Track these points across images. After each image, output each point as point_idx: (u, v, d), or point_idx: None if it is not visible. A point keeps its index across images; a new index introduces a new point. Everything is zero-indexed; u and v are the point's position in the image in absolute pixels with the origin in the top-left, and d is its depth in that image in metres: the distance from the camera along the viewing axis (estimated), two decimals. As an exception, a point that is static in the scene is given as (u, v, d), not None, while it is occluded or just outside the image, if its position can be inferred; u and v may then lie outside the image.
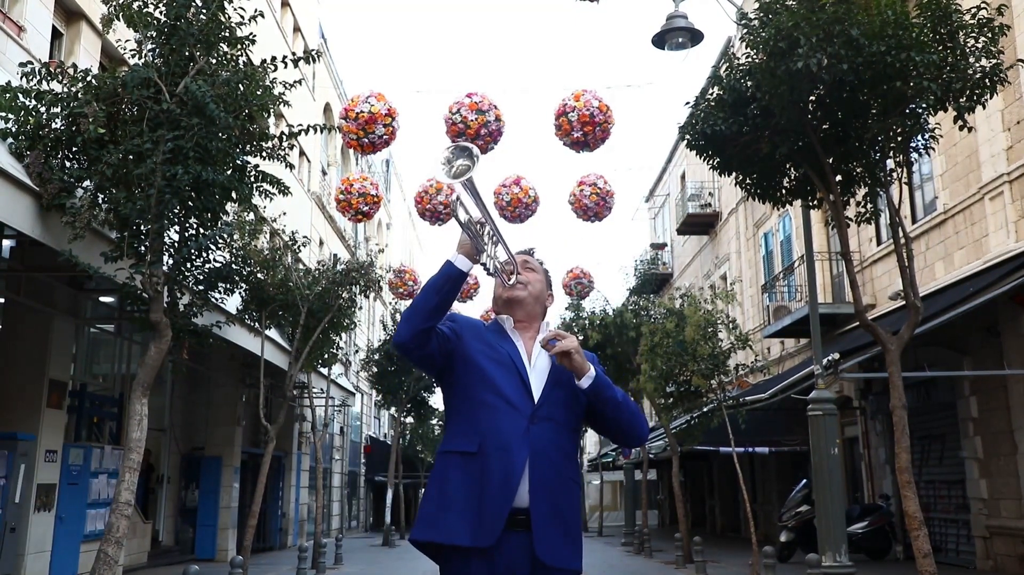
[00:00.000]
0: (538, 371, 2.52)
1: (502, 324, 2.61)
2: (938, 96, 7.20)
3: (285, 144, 8.67)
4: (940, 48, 7.14)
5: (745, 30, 7.59)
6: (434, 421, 29.02)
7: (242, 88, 8.05)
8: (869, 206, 8.40)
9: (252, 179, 8.48)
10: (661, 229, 30.45)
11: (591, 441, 45.63)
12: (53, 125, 7.70)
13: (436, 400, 25.49)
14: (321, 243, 23.87)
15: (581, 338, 17.81)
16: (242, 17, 8.28)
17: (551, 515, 2.34)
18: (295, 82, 8.51)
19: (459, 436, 2.43)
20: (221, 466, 15.68)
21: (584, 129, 10.72)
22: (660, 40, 9.92)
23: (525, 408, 2.41)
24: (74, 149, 7.74)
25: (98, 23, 9.46)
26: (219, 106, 7.59)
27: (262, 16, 8.59)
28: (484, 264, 2.50)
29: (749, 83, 7.76)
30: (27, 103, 7.60)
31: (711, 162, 8.55)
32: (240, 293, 12.09)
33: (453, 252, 2.44)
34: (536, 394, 2.46)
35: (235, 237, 11.21)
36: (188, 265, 8.55)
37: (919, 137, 8.05)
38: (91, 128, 7.24)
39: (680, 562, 13.98)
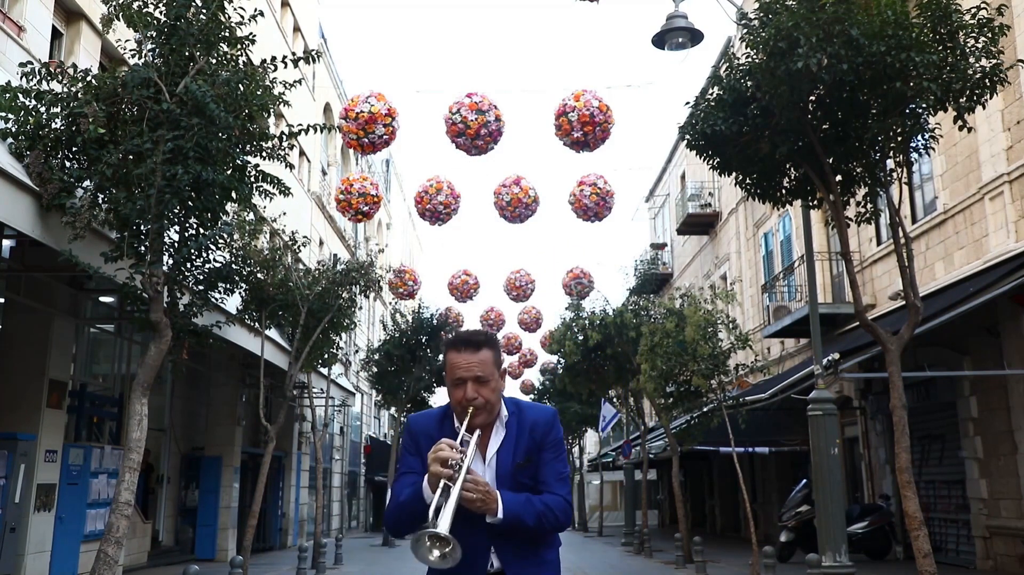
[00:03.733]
0: (490, 474, 2.64)
1: (457, 431, 2.68)
2: (938, 96, 7.20)
3: (285, 144, 8.67)
4: (940, 48, 7.14)
5: (745, 30, 7.59)
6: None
7: (242, 88, 8.05)
8: (869, 206, 8.40)
9: (252, 179, 8.48)
10: (661, 229, 30.46)
11: (591, 441, 45.64)
12: (53, 125, 7.71)
13: (436, 400, 25.48)
14: (321, 243, 23.87)
15: (581, 338, 17.81)
16: (242, 17, 8.28)
17: (523, 567, 2.61)
18: (295, 82, 8.51)
19: None
20: (221, 466, 15.69)
21: (584, 129, 10.73)
22: (660, 40, 9.93)
23: (482, 523, 2.55)
24: (74, 149, 7.74)
25: (98, 23, 9.47)
26: (219, 106, 7.59)
27: (262, 16, 8.59)
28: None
29: (749, 83, 7.76)
30: (27, 103, 7.60)
31: (711, 162, 8.55)
32: (240, 293, 12.09)
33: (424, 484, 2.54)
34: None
35: (235, 237, 11.21)
36: (188, 265, 8.55)
37: (919, 137, 8.05)
38: (91, 128, 7.24)
39: (680, 562, 13.98)
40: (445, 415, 2.72)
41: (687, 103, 8.42)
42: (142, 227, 7.71)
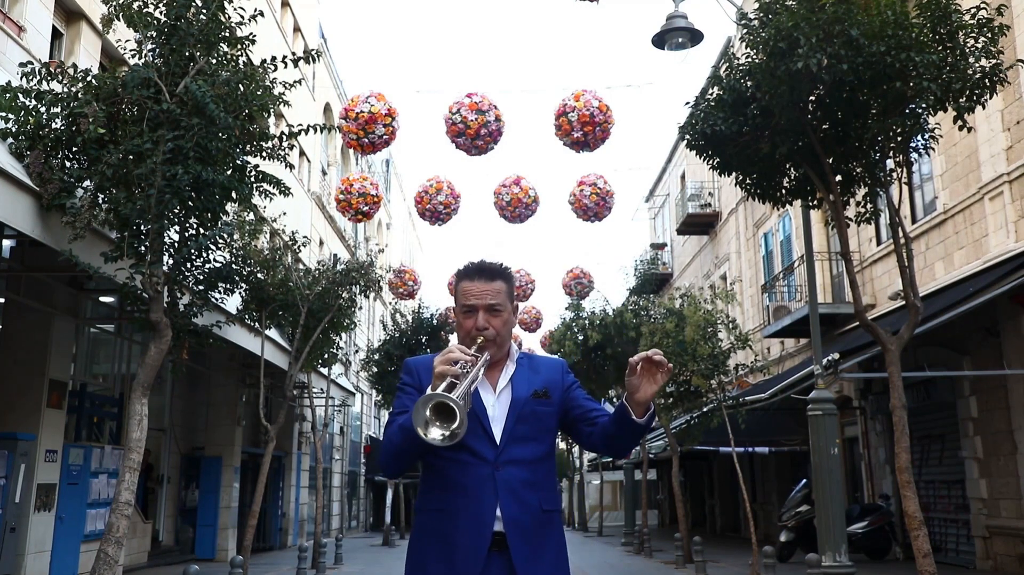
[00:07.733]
0: (500, 407, 2.47)
1: None
2: (938, 96, 7.20)
3: (285, 144, 8.67)
4: (940, 48, 7.15)
5: (745, 30, 7.60)
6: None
7: (242, 88, 8.05)
8: (869, 206, 8.41)
9: (252, 179, 8.48)
10: (661, 229, 30.45)
11: (591, 441, 45.48)
12: (53, 125, 7.70)
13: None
14: (321, 243, 23.87)
15: (581, 338, 17.81)
16: (242, 17, 8.28)
17: (527, 546, 2.37)
18: (295, 82, 8.50)
19: (432, 493, 2.46)
20: (221, 466, 15.69)
21: (584, 129, 10.74)
22: (660, 40, 9.93)
23: (489, 455, 2.40)
24: (74, 149, 7.74)
25: (98, 23, 9.46)
26: (219, 106, 7.59)
27: (262, 16, 8.59)
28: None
29: (749, 83, 7.76)
30: (27, 103, 7.60)
31: (711, 162, 8.55)
32: (240, 293, 12.08)
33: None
34: (498, 437, 2.43)
35: (235, 237, 11.21)
36: (188, 265, 8.55)
37: (919, 137, 8.06)
38: (91, 128, 7.24)
39: (680, 562, 13.98)
40: None
41: (687, 103, 8.42)
42: (142, 227, 7.71)
